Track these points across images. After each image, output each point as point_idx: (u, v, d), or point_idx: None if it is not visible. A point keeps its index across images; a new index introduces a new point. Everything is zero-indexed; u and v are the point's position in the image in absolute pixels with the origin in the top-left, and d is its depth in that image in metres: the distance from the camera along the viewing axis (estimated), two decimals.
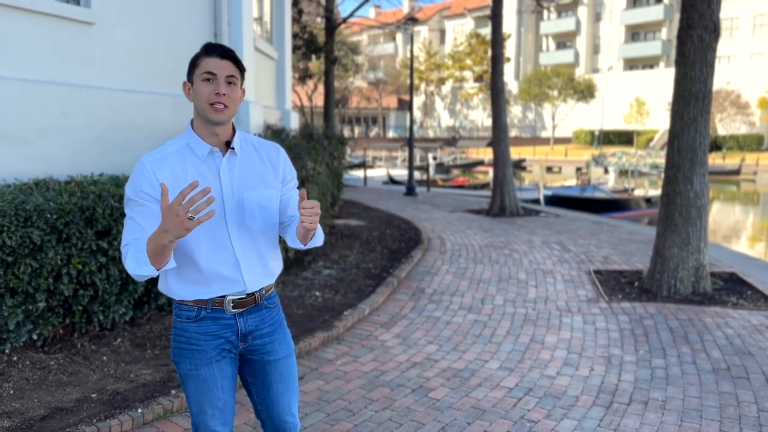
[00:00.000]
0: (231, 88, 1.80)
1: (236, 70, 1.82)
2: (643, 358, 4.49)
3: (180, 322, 1.92)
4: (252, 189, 1.89)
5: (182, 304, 1.91)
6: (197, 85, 1.80)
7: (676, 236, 6.22)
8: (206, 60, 1.79)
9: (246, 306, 1.93)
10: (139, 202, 1.77)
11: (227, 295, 1.88)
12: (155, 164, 1.79)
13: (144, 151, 5.73)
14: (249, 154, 1.93)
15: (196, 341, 1.89)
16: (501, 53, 12.78)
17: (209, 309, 1.89)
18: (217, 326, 1.90)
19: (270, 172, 1.95)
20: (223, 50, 1.80)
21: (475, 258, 7.87)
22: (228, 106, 1.80)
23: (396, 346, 4.64)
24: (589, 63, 61.67)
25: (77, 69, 5.15)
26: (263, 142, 1.99)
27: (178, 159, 1.82)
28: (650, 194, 19.85)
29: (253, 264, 1.91)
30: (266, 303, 2.00)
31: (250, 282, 1.91)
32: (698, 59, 6.02)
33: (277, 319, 2.04)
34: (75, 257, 3.96)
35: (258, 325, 1.97)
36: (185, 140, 1.86)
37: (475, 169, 39.89)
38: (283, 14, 9.22)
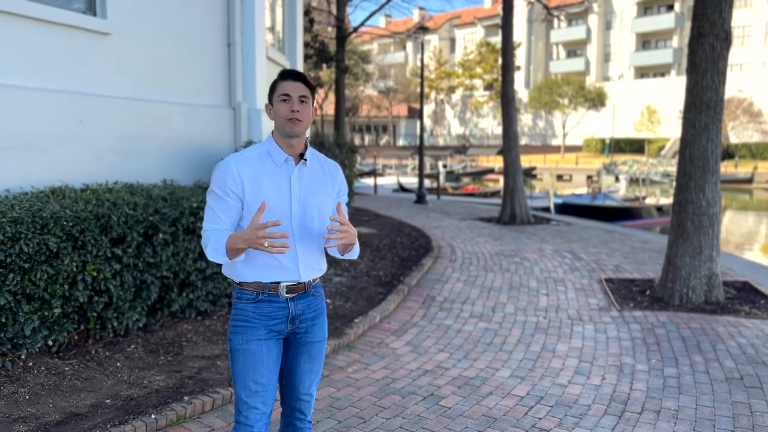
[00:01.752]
0: (304, 106, 2.12)
1: (307, 90, 2.14)
2: (655, 367, 4.48)
3: (240, 303, 2.20)
4: (314, 195, 2.20)
5: (243, 289, 2.20)
6: (276, 105, 2.13)
7: (688, 245, 6.19)
8: (282, 84, 2.13)
9: (297, 292, 2.22)
10: (221, 197, 2.10)
11: (282, 281, 2.17)
12: (239, 164, 2.12)
13: (158, 159, 5.79)
14: (315, 167, 2.25)
15: (252, 319, 2.18)
16: (511, 62, 12.81)
17: (266, 293, 2.18)
18: (271, 308, 2.18)
19: (330, 183, 2.27)
20: (296, 75, 2.13)
21: (485, 266, 7.86)
22: (302, 121, 2.11)
23: (407, 354, 4.65)
24: (599, 71, 61.54)
25: (93, 78, 5.23)
26: (326, 158, 2.33)
27: (259, 162, 2.15)
28: (661, 202, 19.75)
29: (308, 259, 2.22)
30: (313, 291, 2.29)
31: (304, 272, 2.21)
32: (710, 68, 6.01)
33: (320, 307, 2.33)
34: (90, 264, 4.01)
35: (304, 309, 2.25)
36: (266, 147, 2.18)
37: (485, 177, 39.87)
38: (294, 24, 9.30)
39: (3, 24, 4.49)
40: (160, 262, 4.52)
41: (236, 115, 6.82)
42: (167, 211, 4.54)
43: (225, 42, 6.75)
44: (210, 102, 6.56)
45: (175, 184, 5.27)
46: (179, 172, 5.99)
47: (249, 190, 2.11)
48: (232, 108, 6.81)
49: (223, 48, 6.73)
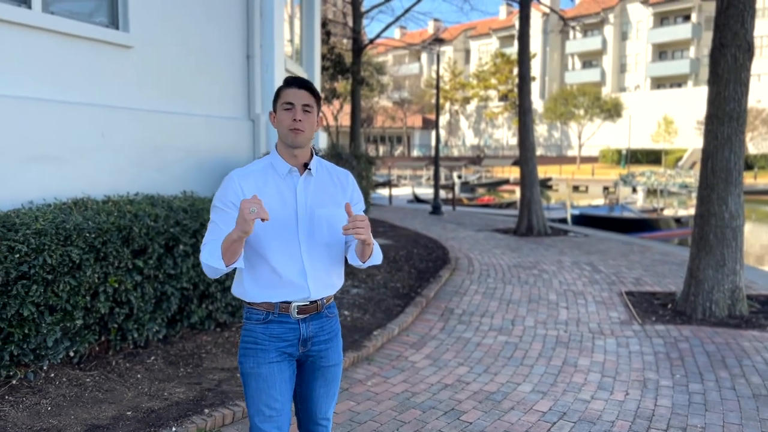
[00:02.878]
0: (307, 116, 2.04)
1: (312, 98, 2.06)
2: (680, 382, 4.40)
3: (249, 324, 2.13)
4: (323, 206, 2.11)
5: (252, 308, 2.12)
6: (279, 113, 2.07)
7: (710, 258, 6.10)
8: (286, 91, 2.06)
9: (309, 312, 2.12)
10: (223, 210, 2.03)
11: (293, 301, 2.09)
12: (241, 178, 2.06)
13: (178, 170, 5.83)
14: (323, 176, 2.15)
15: (262, 341, 2.10)
16: (528, 73, 12.78)
17: (276, 313, 2.09)
18: (282, 329, 2.10)
19: (340, 193, 2.17)
20: (300, 82, 2.05)
21: (503, 278, 7.80)
22: (304, 131, 2.03)
23: (426, 368, 4.61)
24: (615, 82, 61.26)
25: (115, 91, 5.28)
26: (336, 167, 2.24)
27: (262, 175, 2.08)
28: (680, 214, 19.53)
29: (318, 274, 2.11)
30: (326, 312, 2.20)
31: (314, 289, 2.10)
32: (732, 78, 5.95)
33: (334, 329, 2.23)
34: (111, 275, 4.03)
35: (317, 332, 2.16)
36: (269, 160, 2.12)
37: (500, 188, 39.72)
38: (312, 36, 9.36)
39: (27, 38, 4.55)
40: (181, 273, 4.53)
41: (255, 126, 6.85)
42: (188, 222, 4.56)
43: (244, 54, 6.80)
44: (229, 114, 6.60)
45: (195, 195, 5.30)
46: (199, 183, 6.02)
47: None
48: (251, 120, 6.85)
49: (242, 60, 6.78)
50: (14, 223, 3.65)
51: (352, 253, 2.15)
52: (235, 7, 6.64)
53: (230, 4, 6.56)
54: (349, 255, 2.16)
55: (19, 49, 4.50)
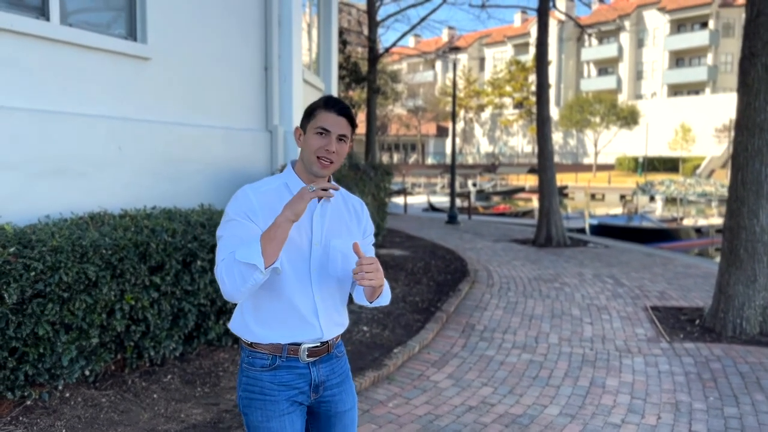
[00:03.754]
0: (341, 146, 1.85)
1: (349, 128, 1.87)
2: (714, 405, 4.22)
3: (252, 371, 1.88)
4: (338, 236, 1.91)
5: (256, 352, 1.88)
6: (309, 135, 1.84)
7: (741, 273, 5.91)
8: (324, 114, 1.83)
9: (319, 354, 1.92)
10: (238, 221, 1.80)
11: (303, 342, 1.87)
12: (254, 194, 1.84)
13: (195, 183, 5.75)
14: (338, 204, 1.97)
15: (270, 391, 1.86)
16: (546, 81, 12.64)
17: (284, 357, 1.86)
18: (291, 376, 1.88)
19: (355, 223, 1.99)
20: (342, 107, 1.84)
21: (524, 292, 7.64)
22: (334, 162, 1.84)
23: (449, 388, 4.47)
24: (631, 89, 60.77)
25: (133, 103, 5.22)
26: (349, 194, 2.04)
27: (276, 195, 1.86)
28: (700, 223, 19.22)
29: (329, 311, 1.91)
30: (336, 352, 2.00)
31: (326, 329, 1.90)
32: (763, 88, 5.77)
33: (344, 370, 2.04)
34: (128, 293, 3.94)
35: (329, 375, 1.96)
36: (284, 180, 1.90)
37: (515, 196, 39.46)
38: (330, 46, 9.29)
39: (44, 50, 4.50)
40: (198, 289, 4.43)
41: (273, 138, 6.78)
42: (205, 237, 4.47)
43: (262, 65, 6.73)
44: (247, 125, 6.53)
45: (212, 208, 5.21)
46: (216, 195, 5.95)
47: (264, 225, 1.80)
48: (268, 131, 6.77)
49: (260, 71, 6.71)
50: (30, 239, 3.58)
51: (359, 291, 1.94)
52: (254, 18, 6.58)
53: (248, 14, 6.50)
54: (355, 293, 1.96)
55: (36, 62, 4.45)
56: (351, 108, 1.90)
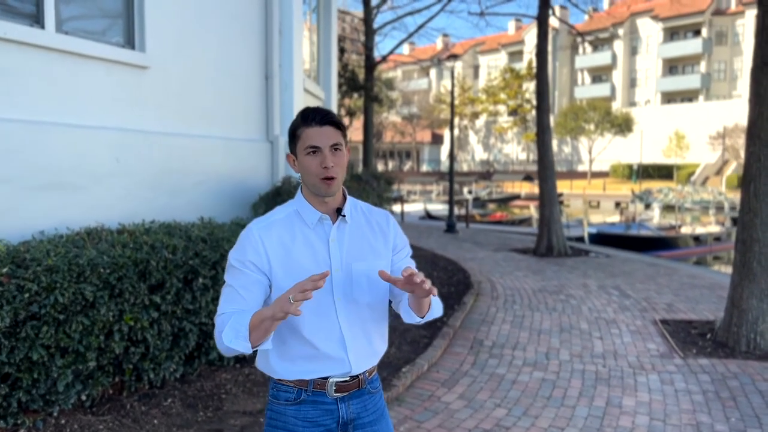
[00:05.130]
0: (337, 156, 1.70)
1: (339, 134, 1.71)
2: (736, 427, 4.07)
3: (277, 404, 1.77)
4: (361, 259, 1.76)
5: (280, 384, 1.77)
6: (302, 159, 1.71)
7: (755, 286, 5.77)
8: (306, 131, 1.69)
9: (349, 390, 1.77)
10: (242, 270, 1.68)
11: (330, 376, 1.73)
12: (262, 231, 1.71)
13: (195, 195, 5.58)
14: (359, 222, 1.81)
15: (293, 427, 1.75)
16: (546, 90, 12.53)
17: (310, 392, 1.74)
18: (317, 412, 1.75)
19: (381, 240, 1.82)
20: (322, 116, 1.69)
21: (530, 305, 7.48)
22: (336, 177, 1.70)
23: (461, 410, 4.30)
24: (625, 96, 60.99)
25: (131, 114, 5.05)
26: (372, 208, 1.88)
27: (286, 226, 1.74)
28: (698, 232, 19.16)
29: (359, 342, 1.75)
30: (369, 387, 1.83)
31: (356, 362, 1.75)
32: None
33: (379, 407, 1.85)
34: (127, 313, 3.76)
35: (360, 412, 1.80)
36: (294, 207, 1.78)
37: (511, 204, 39.38)
38: (329, 54, 9.15)
39: (39, 59, 4.33)
40: (200, 308, 4.25)
41: (273, 148, 6.61)
42: (207, 253, 4.29)
43: (263, 74, 6.58)
44: (247, 136, 6.37)
45: (213, 222, 5.04)
46: (216, 208, 5.77)
47: (277, 263, 1.68)
48: (269, 141, 6.61)
49: (260, 80, 6.56)
50: (24, 259, 3.39)
51: (406, 308, 1.78)
52: (254, 26, 6.42)
53: (249, 22, 6.35)
54: (403, 311, 1.80)
55: (30, 71, 4.27)
56: (331, 113, 1.72)
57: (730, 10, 55.60)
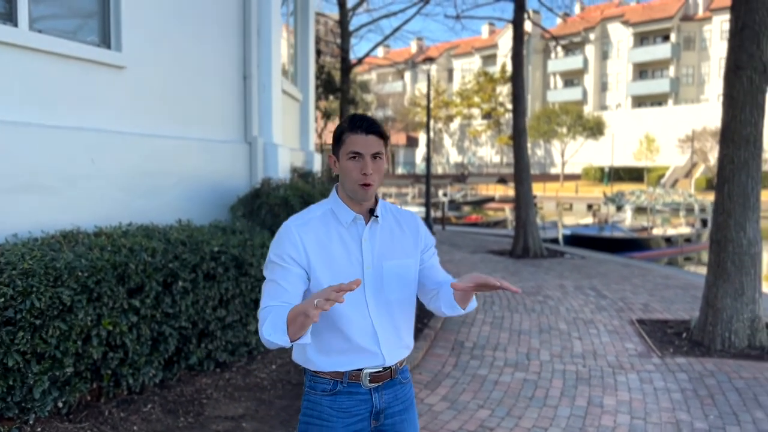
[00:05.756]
0: (377, 164, 1.79)
1: (381, 144, 1.80)
2: (716, 425, 4.13)
3: (314, 395, 1.85)
4: (391, 258, 1.86)
5: (317, 376, 1.85)
6: (344, 162, 1.79)
7: (729, 286, 5.88)
8: (352, 137, 1.77)
9: (382, 380, 1.86)
10: (282, 265, 1.75)
11: (364, 368, 1.83)
12: (300, 228, 1.79)
13: (172, 197, 5.49)
14: (389, 223, 1.91)
15: (328, 417, 1.83)
16: (522, 93, 12.65)
17: (345, 383, 1.83)
18: (351, 402, 1.84)
19: (410, 240, 1.92)
20: (368, 125, 1.78)
21: (509, 306, 7.52)
22: (374, 184, 1.79)
23: (445, 411, 4.29)
24: (597, 100, 61.90)
25: (106, 114, 4.95)
26: (402, 210, 1.98)
27: (322, 224, 1.82)
28: (669, 233, 19.49)
29: (390, 335, 1.85)
30: (400, 377, 1.93)
31: (388, 354, 1.84)
32: (748, 101, 5.78)
33: (408, 396, 1.96)
34: (105, 317, 3.67)
35: (391, 401, 1.89)
36: (329, 206, 1.86)
37: (486, 206, 39.66)
38: (307, 56, 9.10)
39: (12, 58, 4.22)
40: (179, 312, 4.18)
41: (252, 150, 6.54)
42: (187, 256, 4.22)
43: (241, 75, 6.51)
44: (225, 137, 6.29)
45: (191, 224, 4.96)
46: (194, 210, 5.69)
47: (315, 259, 1.77)
48: (247, 143, 6.54)
49: (238, 81, 6.49)
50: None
51: (448, 301, 1.84)
52: (232, 26, 6.36)
53: (227, 22, 6.28)
54: (443, 304, 1.87)
55: (2, 70, 4.16)
56: (377, 123, 1.81)
57: (697, 16, 56.84)
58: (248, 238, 4.89)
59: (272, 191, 5.67)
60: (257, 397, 4.25)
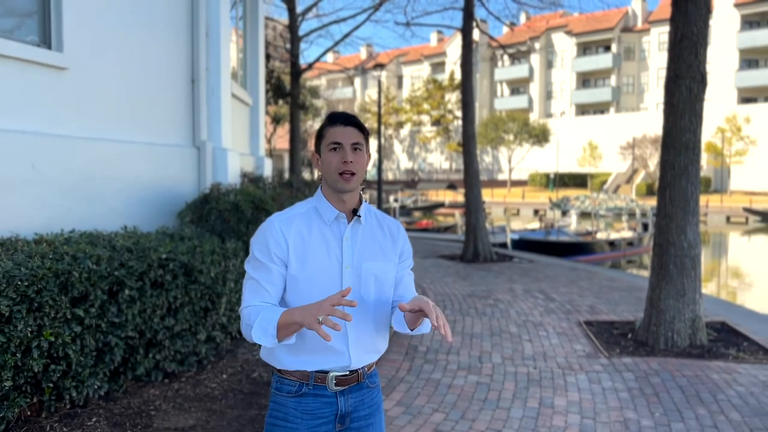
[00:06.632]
0: (357, 155, 1.81)
1: (361, 135, 1.83)
2: (661, 422, 4.25)
3: (279, 396, 1.85)
4: (371, 259, 1.86)
5: (284, 378, 1.85)
6: (325, 155, 1.82)
7: (671, 287, 6.09)
8: (331, 130, 1.82)
9: (348, 384, 1.85)
10: (265, 263, 1.77)
11: (331, 370, 1.82)
12: (283, 223, 1.81)
13: (117, 203, 5.32)
14: (372, 225, 1.91)
15: (293, 419, 1.82)
16: (472, 100, 12.84)
17: (311, 385, 1.82)
18: (317, 404, 1.83)
19: (390, 245, 1.92)
20: (346, 117, 1.83)
21: (461, 309, 7.59)
22: (356, 173, 1.80)
23: (400, 416, 4.28)
24: (542, 108, 63.42)
25: (48, 117, 4.75)
26: (385, 216, 1.98)
27: (305, 221, 1.83)
28: (612, 237, 20.08)
29: (361, 337, 1.84)
30: (368, 382, 1.92)
31: (355, 357, 1.83)
32: (687, 109, 6.01)
33: (376, 401, 1.95)
34: (47, 328, 3.51)
35: (357, 405, 1.88)
36: (313, 203, 1.87)
37: (436, 212, 40.00)
38: (257, 60, 8.99)
39: None
40: (126, 321, 4.04)
41: (200, 154, 6.41)
42: (134, 263, 4.09)
43: (189, 78, 6.37)
44: (173, 141, 6.14)
45: (137, 231, 4.81)
46: (140, 217, 5.52)
47: (294, 254, 1.78)
48: (196, 147, 6.40)
49: (186, 84, 6.35)
50: None
51: (398, 318, 1.88)
52: (180, 28, 6.22)
53: (174, 24, 6.14)
54: (395, 319, 1.90)
55: None
56: (355, 116, 1.86)
57: (636, 28, 58.98)
58: (197, 245, 4.78)
59: (222, 196, 5.57)
60: (208, 407, 4.14)
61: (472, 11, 12.63)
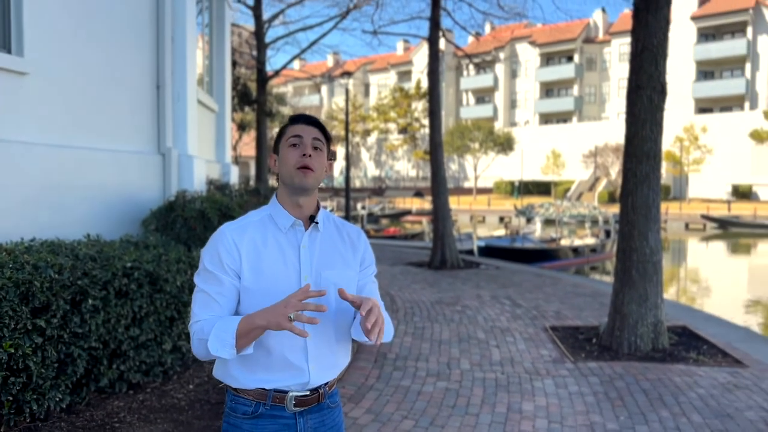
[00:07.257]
0: (317, 153, 1.74)
1: (322, 136, 1.77)
2: (626, 425, 4.33)
3: (234, 417, 1.74)
4: (331, 267, 1.76)
5: (239, 397, 1.74)
6: (284, 152, 1.74)
7: (634, 292, 6.22)
8: (292, 127, 1.76)
9: (308, 404, 1.75)
10: (216, 274, 1.68)
11: (290, 389, 1.72)
12: (235, 232, 1.71)
13: (80, 211, 5.20)
14: (330, 232, 1.82)
15: None
16: (438, 108, 12.94)
17: (268, 405, 1.71)
18: (275, 426, 1.72)
19: (350, 252, 1.83)
20: (308, 118, 1.78)
21: (429, 316, 7.62)
22: (314, 170, 1.72)
23: (369, 424, 4.27)
24: (507, 117, 64.31)
25: (7, 123, 4.63)
26: (345, 222, 1.90)
27: (259, 229, 1.74)
28: (576, 244, 20.43)
29: (321, 352, 1.73)
30: (328, 402, 1.81)
31: (315, 373, 1.72)
32: (648, 119, 6.17)
33: (337, 422, 1.85)
34: (6, 339, 3.40)
35: (318, 427, 1.78)
36: (268, 211, 1.78)
37: (403, 219, 40.15)
38: (223, 66, 8.92)
39: None
40: (89, 331, 3.94)
41: (165, 161, 6.32)
42: (97, 273, 4.00)
43: (154, 84, 6.29)
44: (137, 148, 6.04)
45: (101, 239, 4.72)
46: (104, 225, 5.41)
47: (247, 265, 1.68)
48: (161, 154, 6.31)
49: (151, 90, 6.26)
50: None
51: (358, 328, 1.75)
52: (145, 34, 6.14)
53: (139, 29, 6.06)
54: (354, 330, 1.78)
55: None
56: (318, 119, 1.80)
57: (598, 39, 60.35)
58: (163, 253, 4.70)
59: (188, 204, 5.50)
60: (174, 418, 4.07)
61: (438, 21, 12.76)
